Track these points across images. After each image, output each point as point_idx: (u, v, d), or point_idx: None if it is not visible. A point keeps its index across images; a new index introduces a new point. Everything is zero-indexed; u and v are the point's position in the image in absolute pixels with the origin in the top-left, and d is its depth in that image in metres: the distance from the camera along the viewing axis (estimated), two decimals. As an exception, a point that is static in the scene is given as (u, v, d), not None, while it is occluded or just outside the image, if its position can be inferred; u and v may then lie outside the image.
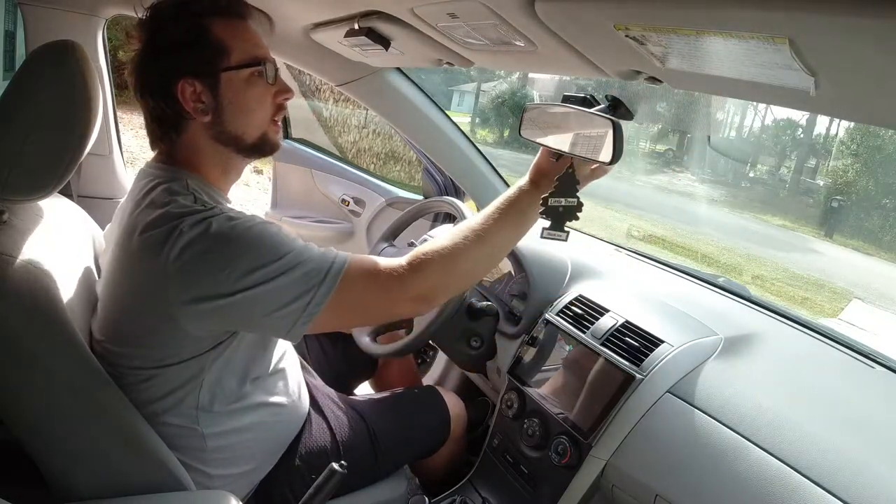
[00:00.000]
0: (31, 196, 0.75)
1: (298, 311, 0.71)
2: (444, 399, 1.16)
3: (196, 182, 0.78)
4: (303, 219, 1.97)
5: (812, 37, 0.44)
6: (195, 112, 0.76)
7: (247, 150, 0.82)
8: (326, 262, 0.72)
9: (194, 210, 0.71)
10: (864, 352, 1.00)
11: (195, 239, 0.69)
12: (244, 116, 0.79)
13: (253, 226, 0.71)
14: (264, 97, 0.80)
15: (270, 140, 0.83)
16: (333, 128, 4.92)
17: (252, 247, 0.70)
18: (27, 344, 0.69)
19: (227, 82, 0.77)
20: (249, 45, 0.79)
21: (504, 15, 0.69)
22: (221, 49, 0.76)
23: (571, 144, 0.98)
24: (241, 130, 0.80)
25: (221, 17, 0.77)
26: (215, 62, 0.76)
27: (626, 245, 1.47)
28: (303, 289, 0.70)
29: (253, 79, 0.78)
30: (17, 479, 0.77)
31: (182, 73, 0.75)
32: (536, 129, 1.08)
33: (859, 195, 9.74)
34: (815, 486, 0.71)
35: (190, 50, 0.75)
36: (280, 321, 0.72)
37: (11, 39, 6.93)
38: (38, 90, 0.71)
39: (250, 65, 0.78)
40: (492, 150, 10.98)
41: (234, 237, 0.70)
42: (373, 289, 0.75)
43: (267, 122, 0.82)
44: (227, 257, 0.69)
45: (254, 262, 0.69)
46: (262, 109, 0.80)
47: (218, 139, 0.79)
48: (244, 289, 0.69)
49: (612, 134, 0.86)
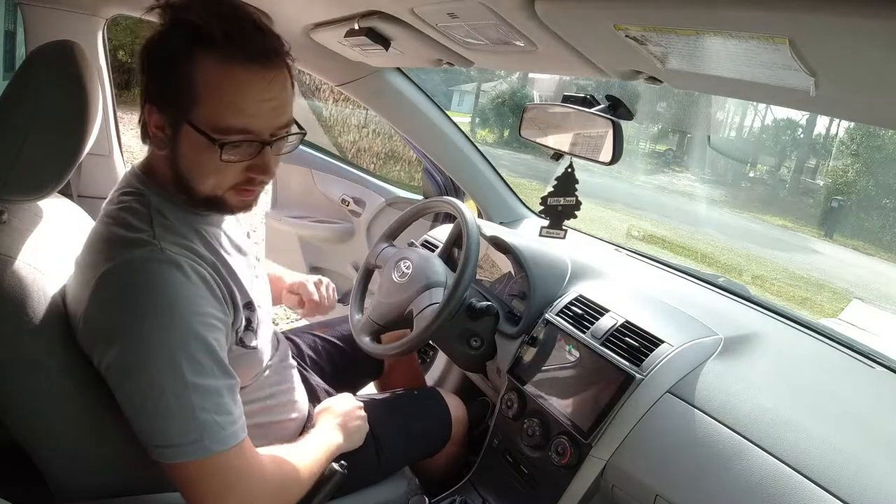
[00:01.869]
0: (31, 196, 0.75)
1: (166, 440, 0.63)
2: (445, 401, 1.16)
3: (165, 201, 0.71)
4: (303, 219, 1.97)
5: (812, 37, 0.44)
6: (154, 140, 0.68)
7: (198, 204, 0.71)
8: (227, 418, 0.64)
9: (135, 242, 0.64)
10: (864, 352, 1.00)
11: (116, 275, 0.63)
12: (198, 173, 0.68)
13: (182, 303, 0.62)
14: (226, 168, 0.66)
15: (227, 204, 0.71)
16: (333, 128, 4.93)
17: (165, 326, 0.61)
18: (27, 344, 0.68)
19: (186, 133, 0.64)
20: (227, 108, 0.63)
21: (504, 15, 0.69)
22: (193, 96, 0.62)
23: (571, 144, 0.98)
24: (194, 184, 0.69)
25: (220, 56, 0.62)
26: (181, 108, 0.64)
27: (626, 245, 1.47)
28: (189, 426, 0.63)
29: (212, 148, 0.64)
30: (17, 479, 0.77)
31: (150, 96, 0.66)
32: (536, 129, 1.09)
33: (859, 195, 9.75)
34: (815, 486, 0.71)
35: (168, 76, 0.63)
36: (147, 434, 0.65)
37: (11, 39, 6.93)
38: (38, 90, 0.71)
39: (208, 136, 0.63)
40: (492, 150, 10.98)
41: (152, 301, 0.62)
42: (233, 488, 0.66)
43: (225, 189, 0.69)
44: (134, 319, 0.62)
45: (133, 360, 0.62)
46: (218, 177, 0.68)
47: (174, 176, 0.70)
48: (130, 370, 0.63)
49: (612, 134, 0.86)
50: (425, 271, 1.16)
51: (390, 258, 1.22)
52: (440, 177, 1.69)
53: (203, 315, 0.65)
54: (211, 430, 0.64)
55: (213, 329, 0.66)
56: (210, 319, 0.66)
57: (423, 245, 1.41)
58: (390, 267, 1.19)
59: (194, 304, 0.65)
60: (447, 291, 1.06)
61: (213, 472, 0.65)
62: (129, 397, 0.64)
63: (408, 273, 1.16)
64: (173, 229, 0.69)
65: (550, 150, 1.03)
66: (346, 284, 1.97)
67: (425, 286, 1.13)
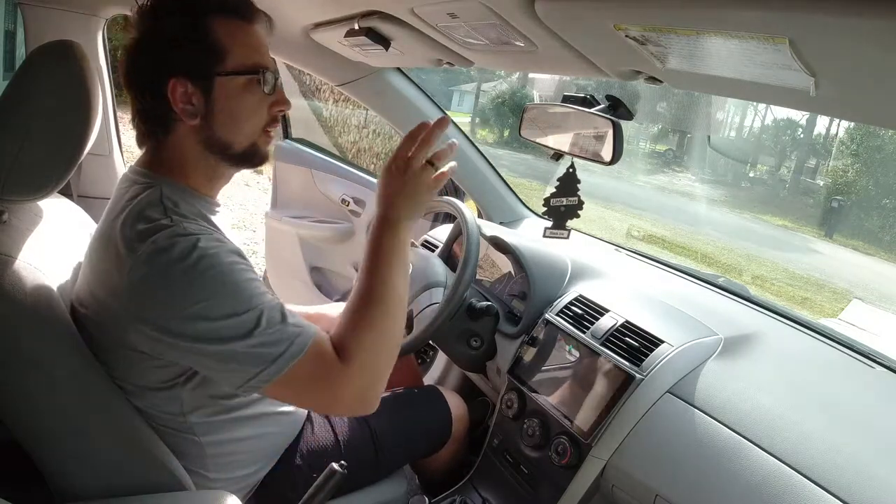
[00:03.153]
0: (31, 196, 0.75)
1: (243, 379, 0.67)
2: (445, 399, 1.15)
3: (175, 191, 0.73)
4: (303, 219, 1.97)
5: (812, 37, 0.44)
6: (183, 114, 0.72)
7: (234, 159, 0.77)
8: (282, 344, 0.67)
9: (158, 226, 0.67)
10: (864, 352, 1.00)
11: (149, 258, 0.65)
12: (235, 124, 0.75)
13: (219, 263, 0.66)
14: (259, 106, 0.75)
15: (260, 151, 0.78)
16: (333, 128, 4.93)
17: (208, 291, 0.65)
18: (27, 344, 0.68)
19: (220, 87, 0.72)
20: (250, 51, 0.74)
21: (504, 15, 0.69)
22: (219, 51, 0.71)
23: (571, 144, 0.98)
24: (231, 138, 0.75)
25: (225, 17, 0.72)
26: (211, 64, 0.71)
27: (626, 245, 1.47)
28: (250, 364, 0.66)
29: (249, 86, 0.74)
30: (17, 479, 0.77)
31: (174, 71, 0.70)
32: (536, 129, 1.09)
33: (859, 195, 9.75)
34: (815, 486, 0.71)
35: (186, 48, 0.70)
36: (225, 379, 0.69)
37: (11, 39, 6.93)
38: (38, 90, 0.71)
39: (248, 72, 0.73)
40: (492, 150, 10.98)
41: (193, 270, 0.65)
42: (316, 387, 0.69)
43: (258, 133, 0.77)
44: (182, 291, 0.65)
45: (206, 311, 0.64)
46: (254, 119, 0.76)
47: (205, 144, 0.74)
48: (188, 337, 0.65)
49: (612, 134, 0.86)
50: (425, 271, 1.16)
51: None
52: (440, 177, 1.69)
53: (235, 251, 0.70)
54: (296, 327, 0.68)
55: (245, 258, 0.71)
56: (241, 252, 0.71)
57: (423, 245, 1.41)
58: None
59: (227, 248, 0.69)
60: (447, 291, 1.06)
61: (318, 359, 0.69)
62: (220, 350, 0.66)
63: (408, 273, 1.16)
64: (185, 214, 0.71)
65: (550, 150, 1.03)
66: (346, 284, 1.97)
67: (425, 286, 1.13)
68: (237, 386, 0.68)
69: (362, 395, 0.72)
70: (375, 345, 0.72)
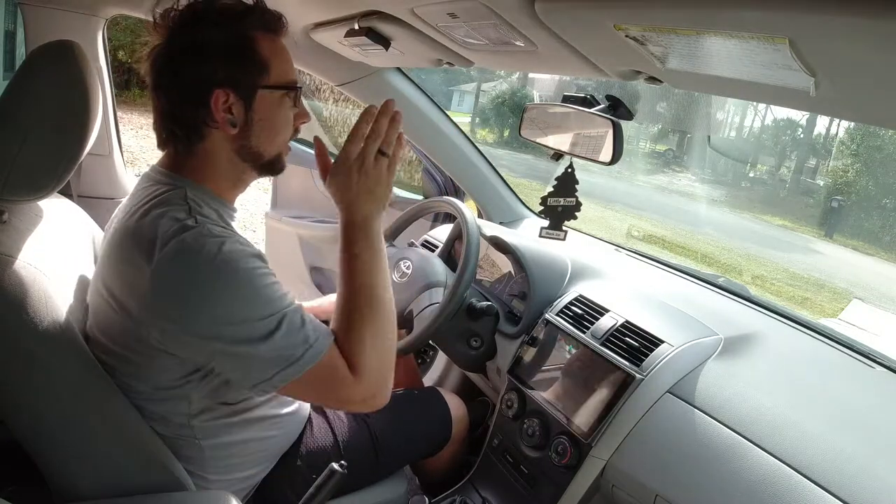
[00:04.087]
0: (31, 196, 0.75)
1: (259, 379, 0.69)
2: (445, 401, 1.15)
3: (199, 193, 0.75)
4: (303, 219, 1.97)
5: (812, 37, 0.44)
6: (223, 123, 0.74)
7: (263, 168, 0.80)
8: (301, 347, 0.68)
9: (184, 226, 0.68)
10: (864, 352, 1.00)
11: (176, 256, 0.66)
12: (270, 135, 0.78)
13: (244, 267, 0.68)
14: (290, 119, 0.79)
15: (283, 160, 0.82)
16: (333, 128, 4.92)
17: (233, 293, 0.67)
18: (27, 344, 0.68)
19: (261, 100, 0.75)
20: (287, 66, 0.78)
21: (504, 15, 0.69)
22: (264, 65, 0.74)
23: (571, 144, 0.98)
24: (264, 148, 0.78)
25: (265, 32, 0.75)
26: (255, 78, 0.74)
27: (626, 245, 1.47)
28: (269, 366, 0.68)
29: (284, 100, 0.77)
30: (17, 479, 0.77)
31: (221, 82, 0.72)
32: (536, 129, 1.09)
33: (859, 195, 9.75)
34: (815, 486, 0.71)
35: (234, 60, 0.73)
36: (241, 378, 0.71)
37: (11, 39, 6.93)
38: (38, 90, 0.71)
39: (286, 87, 0.77)
40: (492, 150, 10.98)
41: (217, 271, 0.66)
42: (330, 388, 0.72)
43: (285, 143, 0.81)
44: (205, 291, 0.66)
45: (230, 313, 0.66)
46: (286, 130, 0.80)
47: (238, 153, 0.77)
48: (211, 337, 0.67)
49: (612, 134, 0.86)
50: (425, 271, 1.16)
51: (390, 258, 1.21)
52: (440, 177, 1.69)
53: (257, 255, 0.71)
54: (314, 332, 0.70)
55: (266, 262, 0.72)
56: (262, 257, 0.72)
57: (423, 245, 1.41)
58: (390, 267, 1.19)
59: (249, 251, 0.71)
60: (447, 291, 1.06)
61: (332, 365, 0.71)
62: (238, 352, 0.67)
63: (408, 273, 1.16)
64: (208, 216, 0.73)
65: (550, 150, 1.03)
66: (346, 284, 1.97)
67: (425, 286, 1.13)
68: (252, 385, 0.70)
69: (374, 394, 0.74)
70: (376, 348, 0.74)
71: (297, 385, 0.70)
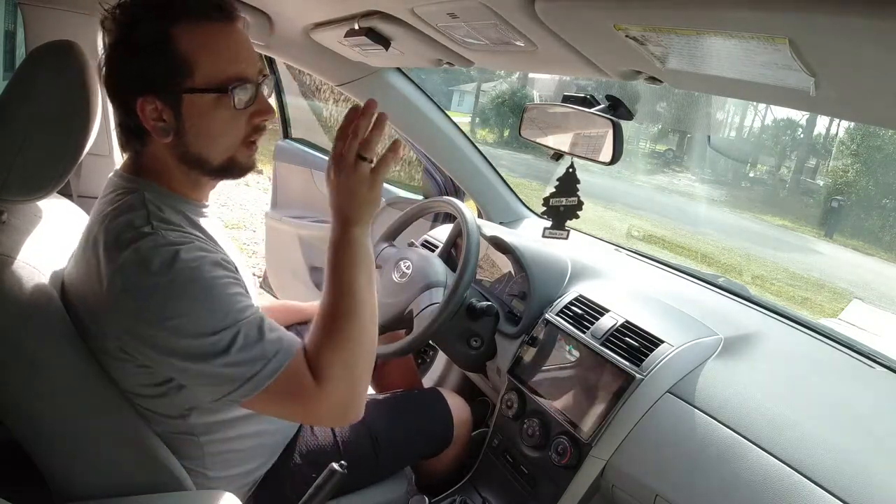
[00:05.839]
0: (31, 196, 0.75)
1: (218, 394, 0.66)
2: (447, 402, 1.14)
3: (158, 196, 0.71)
4: (303, 219, 1.97)
5: (812, 37, 0.44)
6: (155, 131, 0.69)
7: (213, 173, 0.74)
8: (259, 363, 0.65)
9: (139, 234, 0.65)
10: (864, 352, 1.00)
11: (129, 266, 0.64)
12: (209, 141, 0.71)
13: (200, 276, 0.64)
14: (234, 121, 0.70)
15: (240, 163, 0.74)
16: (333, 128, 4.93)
17: (187, 305, 0.64)
18: (27, 344, 0.68)
19: (189, 104, 0.67)
20: (221, 61, 0.67)
21: (504, 15, 0.69)
22: (184, 65, 0.66)
23: (571, 144, 0.98)
24: (206, 154, 0.71)
25: (192, 24, 0.66)
26: (177, 80, 0.66)
27: (627, 245, 1.47)
28: (225, 381, 0.65)
29: (221, 102, 0.68)
30: (17, 479, 0.77)
31: (142, 88, 0.67)
32: (536, 129, 1.09)
33: (859, 195, 9.73)
34: (815, 486, 0.71)
35: (150, 62, 0.66)
36: (200, 392, 0.70)
37: (11, 39, 6.92)
38: (38, 90, 0.71)
39: (216, 89, 0.67)
40: (492, 150, 10.98)
41: (171, 284, 0.63)
42: (294, 403, 0.69)
43: (236, 146, 0.72)
44: (159, 305, 0.63)
45: (183, 326, 0.63)
46: (231, 134, 0.71)
47: (181, 160, 0.72)
48: (167, 352, 0.64)
49: (612, 134, 0.86)
50: (425, 271, 1.16)
51: (390, 258, 1.22)
52: (440, 177, 1.69)
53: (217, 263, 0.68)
54: (273, 345, 0.66)
55: (228, 269, 0.69)
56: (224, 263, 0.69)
57: (423, 245, 1.41)
58: (390, 267, 1.19)
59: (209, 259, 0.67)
60: (447, 291, 1.06)
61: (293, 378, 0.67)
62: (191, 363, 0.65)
63: (408, 273, 1.16)
64: (168, 220, 0.70)
65: (550, 150, 1.03)
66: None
67: (425, 286, 1.13)
68: (213, 399, 0.67)
69: (340, 410, 0.71)
70: (349, 361, 0.70)
71: (258, 401, 0.67)
